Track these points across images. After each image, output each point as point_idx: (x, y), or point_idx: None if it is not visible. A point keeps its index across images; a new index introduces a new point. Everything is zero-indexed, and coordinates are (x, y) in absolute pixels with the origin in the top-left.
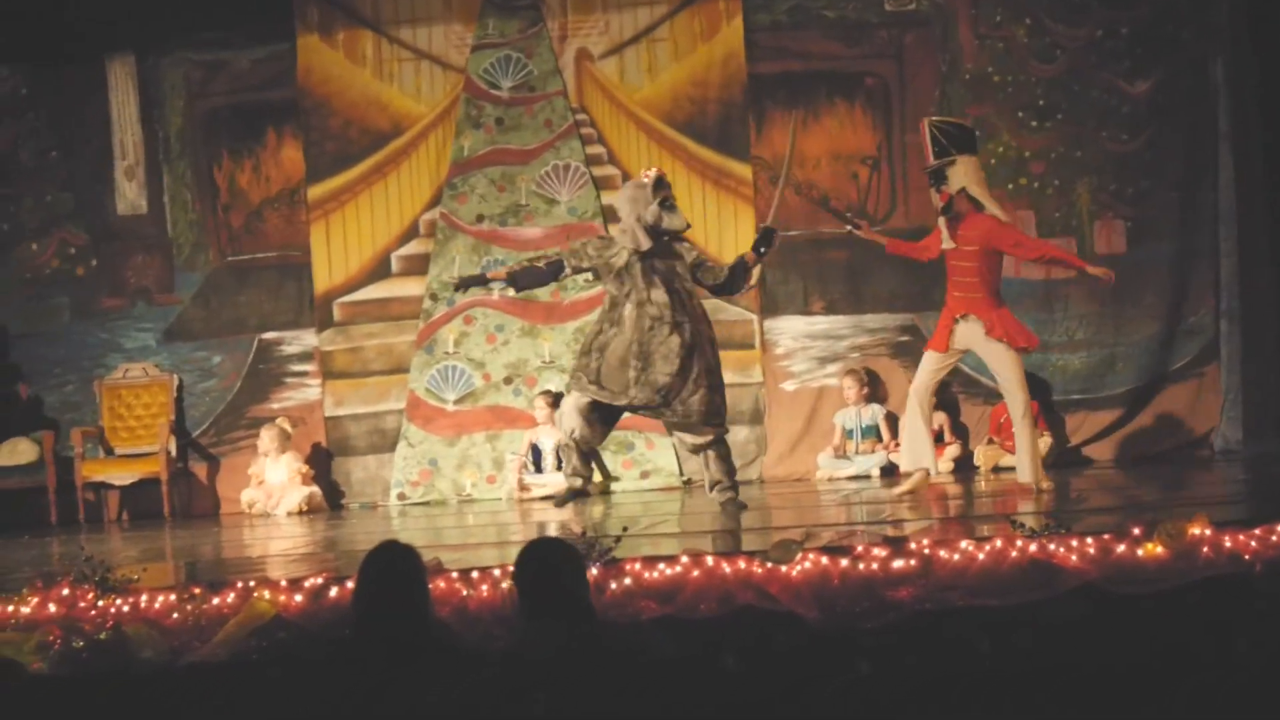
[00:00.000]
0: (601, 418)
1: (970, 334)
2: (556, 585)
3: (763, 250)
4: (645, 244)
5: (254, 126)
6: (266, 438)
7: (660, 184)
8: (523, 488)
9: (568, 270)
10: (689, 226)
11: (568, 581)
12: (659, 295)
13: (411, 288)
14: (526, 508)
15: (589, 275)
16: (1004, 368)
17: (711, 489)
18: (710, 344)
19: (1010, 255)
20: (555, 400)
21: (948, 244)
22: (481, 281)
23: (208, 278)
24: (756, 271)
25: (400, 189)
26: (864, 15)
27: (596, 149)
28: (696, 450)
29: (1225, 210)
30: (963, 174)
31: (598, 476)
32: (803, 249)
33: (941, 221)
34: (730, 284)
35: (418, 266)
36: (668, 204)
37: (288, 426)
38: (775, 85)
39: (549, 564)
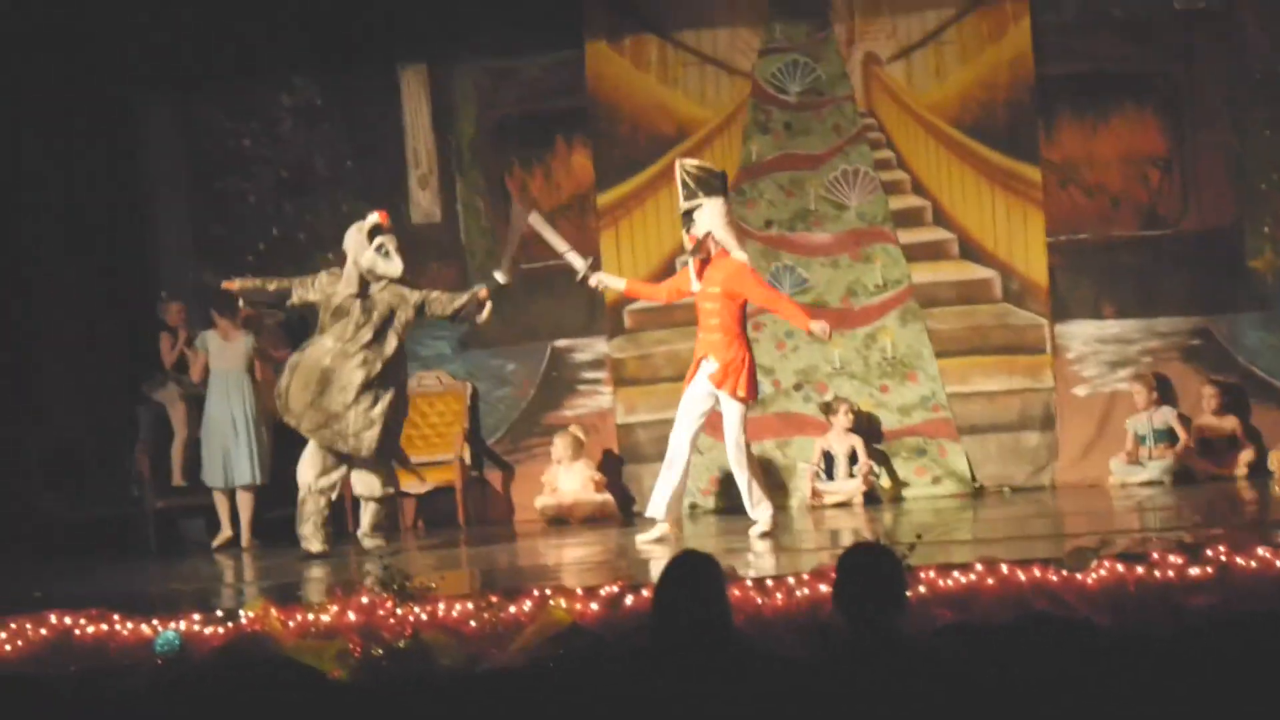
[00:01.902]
0: (336, 460)
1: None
2: (876, 592)
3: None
4: (353, 288)
5: (544, 134)
6: (560, 445)
7: (378, 230)
8: (815, 495)
9: (294, 298)
10: (403, 272)
11: (888, 589)
12: (364, 336)
13: None
14: (819, 515)
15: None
16: (726, 416)
17: (363, 534)
18: (399, 389)
19: (748, 300)
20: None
21: (695, 285)
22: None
23: (501, 285)
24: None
25: None
26: (1153, 14)
27: (885, 153)
28: (366, 499)
29: None
30: (709, 217)
31: (887, 482)
32: (1093, 253)
33: (691, 263)
34: (458, 316)
35: None
36: (383, 250)
37: (581, 434)
38: (1064, 86)
39: (874, 570)
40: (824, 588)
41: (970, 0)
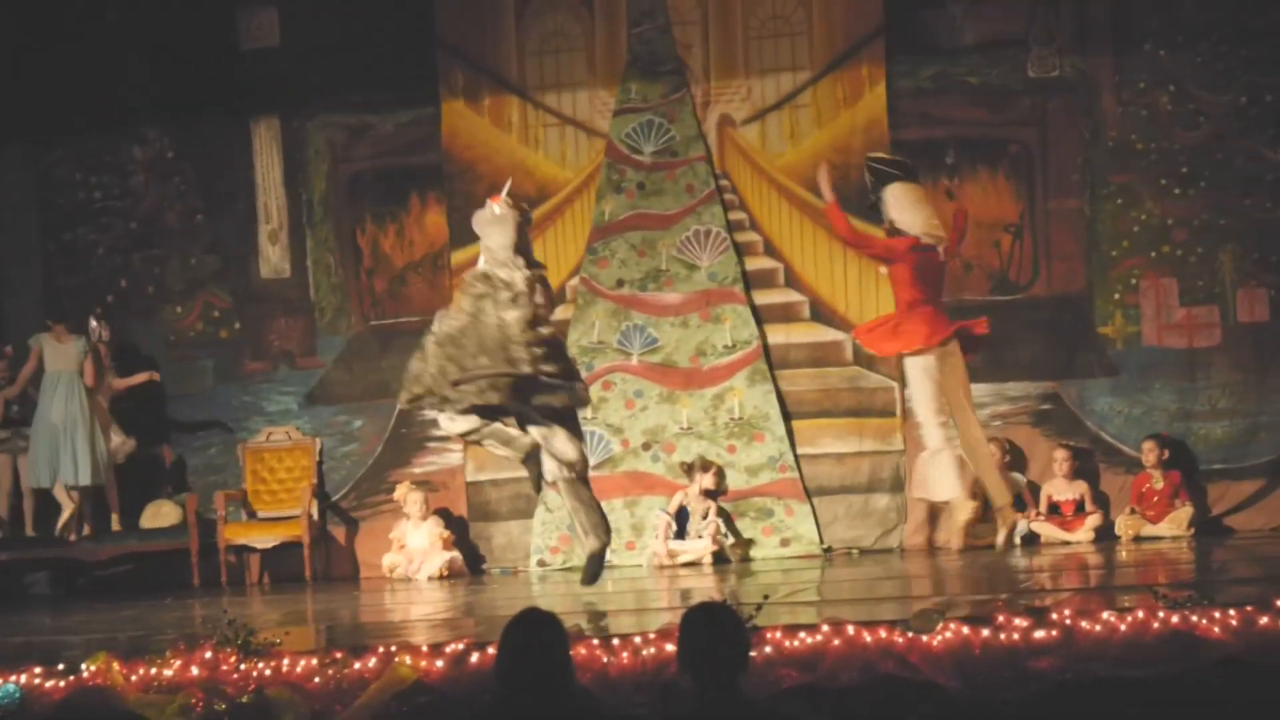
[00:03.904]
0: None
1: None
2: (718, 652)
3: None
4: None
5: (398, 191)
6: (411, 501)
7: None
8: (670, 554)
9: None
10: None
11: (731, 650)
12: None
13: None
14: (669, 574)
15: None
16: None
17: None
18: None
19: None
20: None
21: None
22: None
23: (350, 342)
24: None
25: (545, 255)
26: (1007, 82)
27: (738, 215)
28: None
29: None
30: (891, 206)
31: (734, 542)
32: None
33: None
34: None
35: (561, 332)
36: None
37: (418, 489)
38: (918, 152)
39: (715, 630)
40: (670, 647)
41: (825, 64)
